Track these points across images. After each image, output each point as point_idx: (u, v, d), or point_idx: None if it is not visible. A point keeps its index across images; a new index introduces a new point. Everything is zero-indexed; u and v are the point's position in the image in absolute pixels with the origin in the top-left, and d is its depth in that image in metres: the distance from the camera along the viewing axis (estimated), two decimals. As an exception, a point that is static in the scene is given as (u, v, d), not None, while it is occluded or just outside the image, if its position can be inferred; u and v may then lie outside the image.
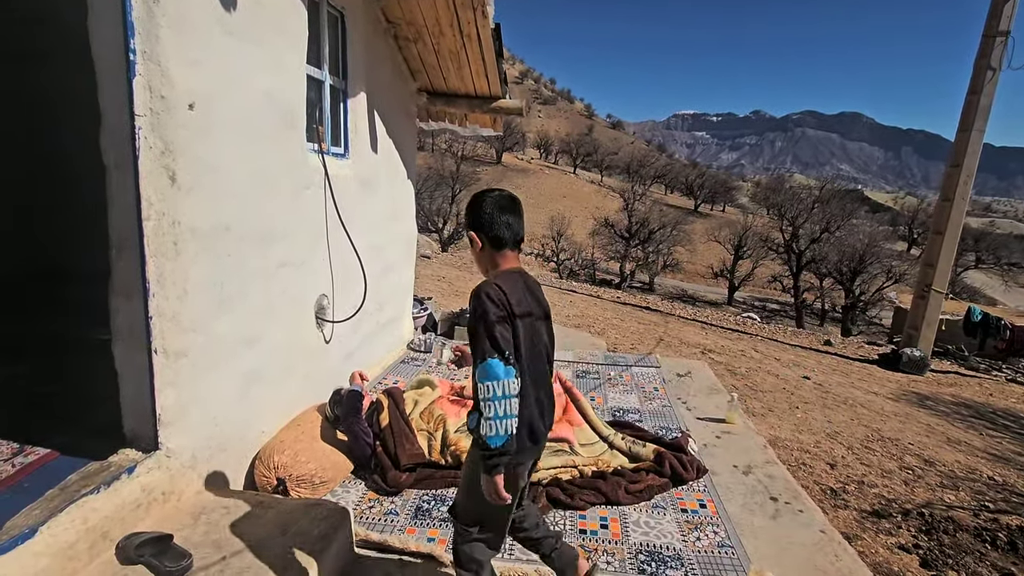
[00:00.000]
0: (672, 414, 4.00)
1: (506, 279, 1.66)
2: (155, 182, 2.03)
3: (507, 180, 54.25)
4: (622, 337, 8.78)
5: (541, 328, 1.73)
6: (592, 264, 32.16)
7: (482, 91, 4.86)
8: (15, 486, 2.12)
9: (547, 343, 1.77)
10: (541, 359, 1.73)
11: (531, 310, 1.68)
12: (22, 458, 2.34)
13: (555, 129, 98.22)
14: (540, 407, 1.72)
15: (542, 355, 1.73)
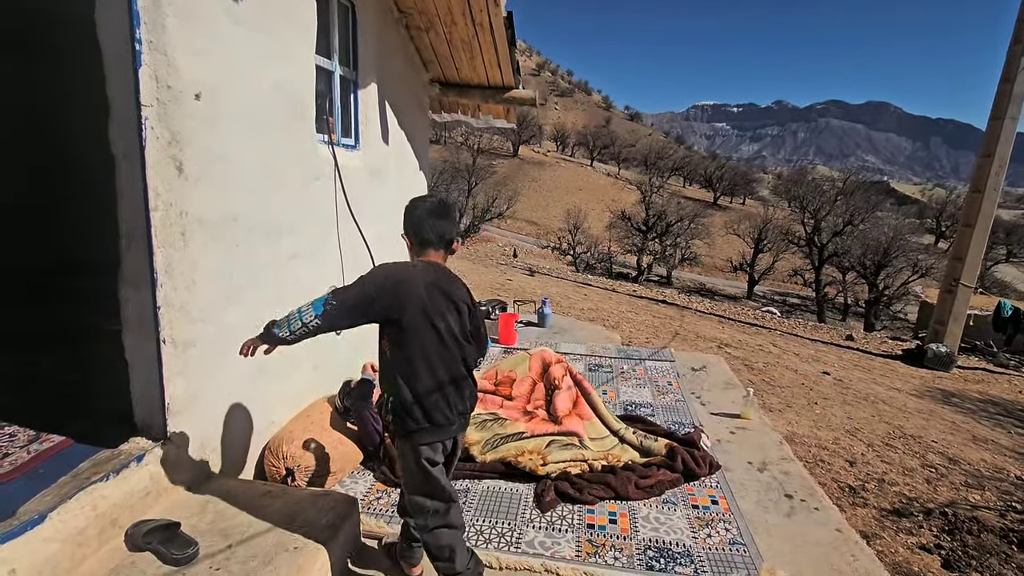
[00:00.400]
0: (685, 409, 3.94)
1: (418, 271, 1.84)
2: (162, 172, 2.03)
3: (523, 173, 54.10)
4: (637, 331, 8.69)
5: (448, 316, 1.83)
6: (609, 258, 31.93)
7: (495, 81, 4.80)
8: (30, 472, 2.15)
9: (456, 331, 1.84)
10: (443, 345, 1.81)
11: (423, 306, 1.79)
12: (37, 445, 2.38)
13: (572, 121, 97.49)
14: (427, 395, 1.80)
15: (444, 341, 1.81)
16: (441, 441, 1.90)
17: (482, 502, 2.75)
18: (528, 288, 11.02)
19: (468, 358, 1.92)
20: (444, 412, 1.85)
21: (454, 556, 1.96)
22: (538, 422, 3.15)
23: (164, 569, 1.86)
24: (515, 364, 3.55)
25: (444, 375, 1.83)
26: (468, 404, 1.95)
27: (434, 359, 1.81)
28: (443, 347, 1.82)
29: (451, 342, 1.84)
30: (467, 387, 1.93)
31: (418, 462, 1.87)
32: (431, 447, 1.87)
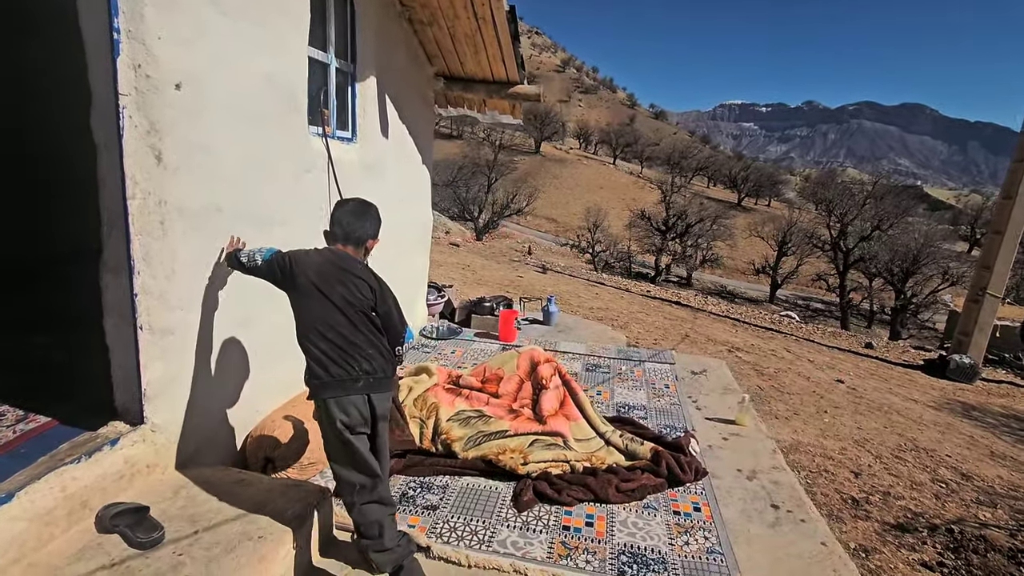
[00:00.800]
0: (680, 413, 3.87)
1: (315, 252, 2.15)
2: (140, 161, 2.06)
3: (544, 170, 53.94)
4: (645, 332, 8.58)
5: (339, 287, 2.04)
6: (628, 257, 31.63)
7: (499, 76, 4.77)
8: (12, 452, 2.21)
9: (352, 300, 2.04)
10: (337, 310, 2.02)
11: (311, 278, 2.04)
12: (23, 425, 2.44)
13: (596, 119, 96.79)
14: (325, 353, 1.99)
15: (338, 307, 2.02)
16: (349, 399, 1.99)
17: (460, 499, 2.74)
18: (539, 285, 10.97)
19: (369, 331, 2.06)
20: (343, 367, 1.98)
21: (383, 532, 2.02)
22: (523, 421, 3.12)
23: (129, 552, 1.89)
24: (503, 362, 3.52)
25: (337, 338, 1.99)
26: (374, 366, 2.04)
27: (328, 322, 1.99)
28: (337, 312, 2.00)
29: (347, 309, 2.02)
30: (367, 351, 2.04)
31: (332, 426, 1.99)
32: (338, 406, 1.99)
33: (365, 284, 2.10)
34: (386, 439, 2.18)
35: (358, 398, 2.02)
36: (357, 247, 2.19)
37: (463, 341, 5.27)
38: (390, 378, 2.15)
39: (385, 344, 2.15)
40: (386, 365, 2.11)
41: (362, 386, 2.02)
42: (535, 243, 34.02)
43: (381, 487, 2.06)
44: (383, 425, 2.15)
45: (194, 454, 2.48)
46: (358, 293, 2.07)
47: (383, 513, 2.05)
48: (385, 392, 2.11)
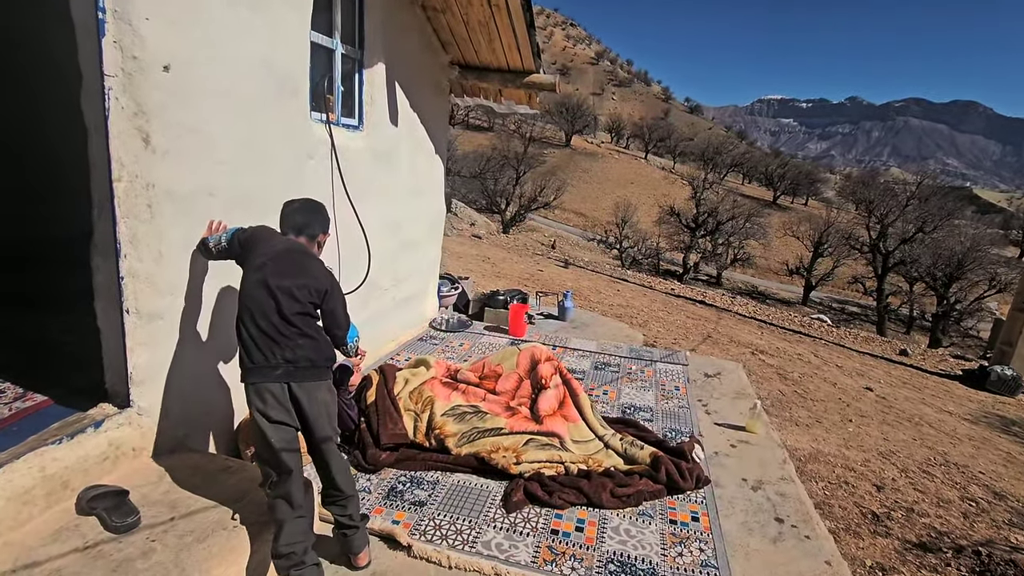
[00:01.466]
0: (687, 416, 3.73)
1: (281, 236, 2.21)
2: (127, 143, 2.04)
3: (574, 163, 53.43)
4: (665, 331, 8.38)
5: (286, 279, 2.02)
6: (656, 253, 31.09)
7: (515, 65, 4.66)
8: (5, 430, 2.24)
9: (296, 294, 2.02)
10: (273, 298, 1.99)
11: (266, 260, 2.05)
12: (20, 403, 2.48)
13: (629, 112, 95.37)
14: (252, 338, 1.98)
15: (275, 296, 1.99)
16: (266, 386, 1.96)
17: (449, 496, 2.68)
18: (558, 280, 10.84)
19: (303, 322, 2.04)
20: (264, 353, 1.97)
21: (279, 535, 1.96)
22: (519, 419, 3.04)
23: (104, 535, 1.89)
24: (503, 358, 3.44)
25: (267, 325, 1.97)
26: (299, 355, 2.01)
27: (262, 308, 1.98)
28: (273, 300, 1.98)
29: (284, 299, 1.99)
30: (296, 340, 2.01)
31: (251, 410, 1.99)
32: (257, 393, 1.97)
33: (316, 281, 2.10)
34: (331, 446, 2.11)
35: (275, 386, 1.98)
36: (310, 241, 2.24)
37: (472, 334, 5.21)
38: (319, 368, 2.09)
39: (322, 335, 2.13)
40: (315, 355, 2.06)
41: (280, 374, 1.98)
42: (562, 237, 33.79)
43: (291, 485, 1.99)
44: (320, 423, 2.07)
45: (184, 439, 2.48)
46: (306, 289, 2.06)
47: (287, 514, 1.97)
48: (310, 382, 2.04)
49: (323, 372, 2.12)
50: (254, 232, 2.23)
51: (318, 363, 2.09)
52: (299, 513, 2.01)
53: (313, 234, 2.25)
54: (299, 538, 1.99)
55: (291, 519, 1.98)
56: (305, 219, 2.24)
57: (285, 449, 1.98)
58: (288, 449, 1.99)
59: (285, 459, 1.98)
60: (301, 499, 2.03)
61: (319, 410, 2.07)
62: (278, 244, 2.17)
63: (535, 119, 57.62)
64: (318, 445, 2.10)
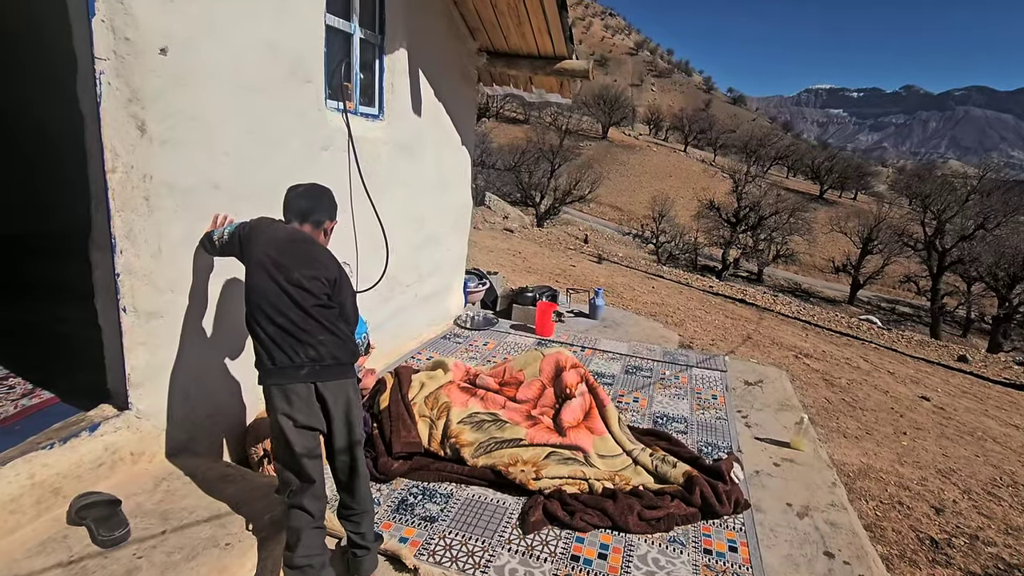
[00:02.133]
0: (725, 429, 3.44)
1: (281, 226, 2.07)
2: (121, 132, 1.92)
3: (611, 156, 52.52)
4: (703, 331, 8.00)
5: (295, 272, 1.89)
6: (694, 249, 30.20)
7: (545, 51, 4.40)
8: (7, 428, 2.17)
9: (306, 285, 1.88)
10: (285, 293, 1.86)
11: (269, 252, 1.92)
12: (27, 400, 2.42)
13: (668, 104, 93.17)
14: (271, 338, 1.84)
15: (287, 291, 1.86)
16: (292, 388, 1.83)
17: (462, 512, 2.50)
18: (591, 276, 10.54)
19: (322, 316, 1.90)
20: (288, 353, 1.83)
21: (296, 545, 1.82)
22: (541, 430, 2.83)
23: (90, 549, 1.78)
24: (525, 363, 3.23)
25: (286, 322, 1.84)
26: (322, 352, 1.88)
27: (277, 305, 1.84)
28: (286, 295, 1.85)
29: (298, 292, 1.87)
30: (318, 336, 1.88)
31: (273, 415, 1.85)
32: (283, 394, 1.83)
33: (325, 269, 1.96)
34: (355, 453, 1.96)
35: (301, 387, 1.84)
36: (315, 228, 2.09)
37: (498, 333, 5.02)
38: (345, 365, 1.95)
39: (343, 329, 1.98)
40: (340, 352, 1.93)
41: (306, 374, 1.84)
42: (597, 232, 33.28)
43: (308, 495, 1.86)
44: (348, 426, 1.93)
45: (188, 442, 2.38)
46: (316, 280, 1.92)
47: (306, 524, 1.84)
48: (336, 380, 1.90)
49: (349, 370, 1.98)
50: (254, 224, 2.09)
51: (343, 360, 1.95)
52: (317, 524, 1.89)
53: (319, 220, 2.09)
54: (317, 551, 1.86)
55: (309, 529, 1.85)
56: (310, 204, 2.09)
57: (308, 456, 1.86)
58: (311, 456, 1.87)
59: (308, 467, 1.85)
60: (320, 510, 1.91)
61: (347, 411, 1.93)
62: (280, 233, 2.03)
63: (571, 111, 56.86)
64: (345, 450, 1.95)
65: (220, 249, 2.16)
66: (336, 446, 1.93)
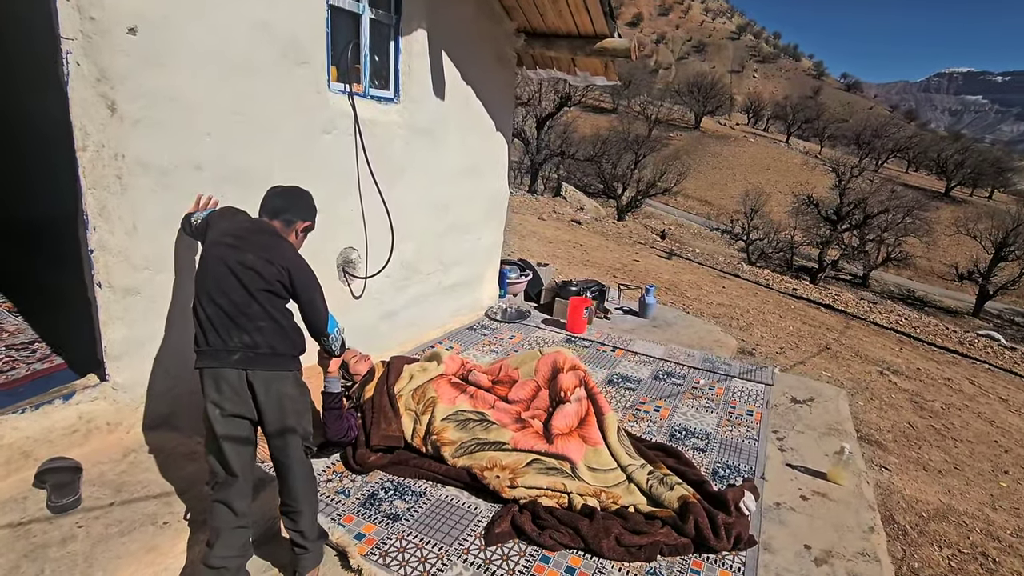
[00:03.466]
0: (753, 451, 3.04)
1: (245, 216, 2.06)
2: (90, 111, 1.96)
3: (702, 147, 49.90)
4: (771, 337, 7.29)
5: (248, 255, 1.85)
6: (790, 247, 27.92)
7: (585, 29, 4.11)
8: (11, 390, 2.33)
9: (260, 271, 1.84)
10: (233, 276, 1.82)
11: (225, 237, 1.90)
12: (40, 364, 2.60)
13: (771, 91, 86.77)
14: (209, 319, 1.80)
15: (236, 274, 1.82)
16: (221, 372, 1.77)
17: (429, 513, 2.38)
18: (654, 272, 9.98)
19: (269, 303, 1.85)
20: (220, 335, 1.79)
21: (214, 544, 1.74)
22: (528, 434, 2.63)
23: (41, 513, 1.85)
24: (522, 362, 3.03)
25: (227, 304, 1.80)
26: (257, 340, 1.82)
27: (221, 287, 1.81)
28: (233, 277, 1.82)
29: (246, 275, 1.82)
30: (257, 323, 1.82)
31: (205, 401, 1.80)
32: (211, 378, 1.78)
33: (283, 259, 1.90)
34: (288, 447, 1.86)
35: (232, 372, 1.77)
36: (285, 226, 2.04)
37: (527, 327, 4.84)
38: (282, 356, 1.86)
39: (291, 322, 1.91)
40: (279, 342, 1.85)
41: (238, 359, 1.78)
42: (682, 226, 31.80)
43: (234, 490, 1.78)
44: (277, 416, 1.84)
45: (169, 417, 2.44)
46: (272, 266, 1.86)
47: (226, 523, 1.76)
48: (270, 371, 1.81)
49: (285, 361, 1.89)
50: (222, 211, 2.10)
51: (281, 350, 1.87)
52: (240, 523, 1.80)
53: (289, 220, 2.05)
54: (235, 552, 1.78)
55: (228, 529, 1.77)
56: (284, 203, 2.06)
57: (234, 447, 1.79)
58: (237, 447, 1.80)
59: (232, 459, 1.78)
60: (245, 508, 1.83)
61: (277, 403, 1.84)
62: (242, 222, 2.01)
63: (662, 100, 54.48)
64: (276, 443, 1.88)
65: (194, 232, 2.17)
66: (268, 439, 1.87)
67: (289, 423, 1.85)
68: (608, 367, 4.08)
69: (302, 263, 1.98)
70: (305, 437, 1.92)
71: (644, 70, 62.77)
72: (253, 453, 1.87)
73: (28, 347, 2.78)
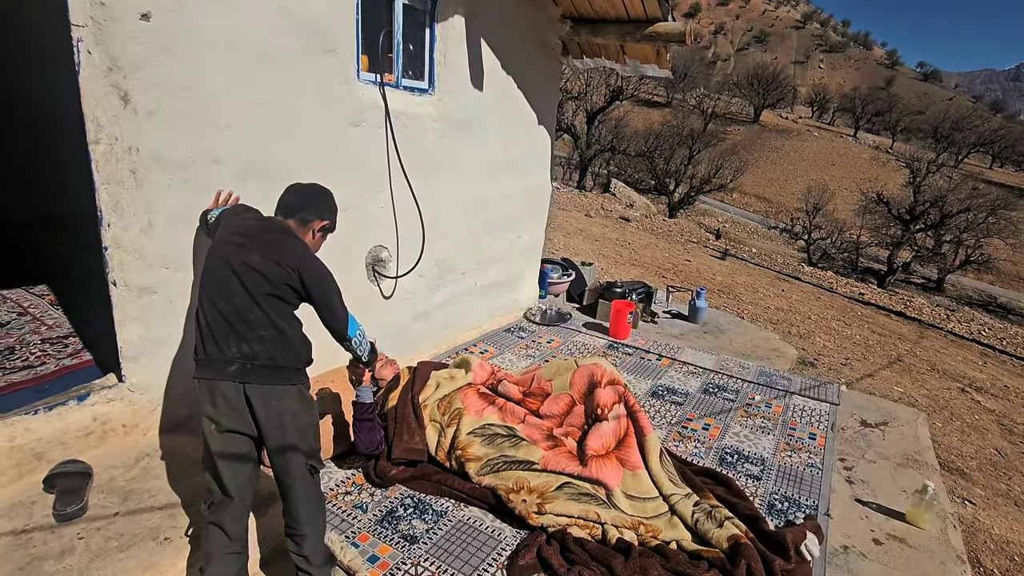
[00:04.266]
0: (816, 482, 2.69)
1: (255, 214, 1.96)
2: (103, 102, 1.87)
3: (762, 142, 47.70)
4: (834, 347, 6.72)
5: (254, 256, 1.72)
6: (856, 248, 26.20)
7: (636, 13, 3.81)
8: (39, 386, 2.31)
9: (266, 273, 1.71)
10: (236, 279, 1.70)
11: (232, 236, 1.79)
12: (70, 360, 2.59)
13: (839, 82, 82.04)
14: (209, 325, 1.69)
15: (239, 277, 1.70)
16: (217, 385, 1.65)
17: (449, 536, 2.20)
18: (707, 273, 9.47)
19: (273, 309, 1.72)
20: (217, 343, 1.67)
21: (205, 569, 1.63)
22: (560, 454, 2.40)
23: (45, 521, 1.79)
24: (556, 373, 2.79)
25: (228, 309, 1.68)
26: (256, 350, 1.68)
27: (224, 291, 1.70)
28: (236, 279, 1.69)
29: (250, 278, 1.70)
30: (258, 331, 1.69)
31: (200, 414, 1.70)
32: (208, 393, 1.67)
33: (294, 260, 1.76)
34: (294, 467, 1.72)
35: (228, 386, 1.65)
36: (300, 225, 1.91)
37: (567, 330, 4.59)
38: (284, 369, 1.72)
39: (297, 331, 1.78)
40: (282, 353, 1.72)
41: (235, 371, 1.65)
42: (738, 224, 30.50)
43: (228, 512, 1.66)
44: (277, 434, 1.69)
45: (187, 419, 2.37)
46: (279, 267, 1.72)
47: (218, 548, 1.64)
48: (268, 385, 1.67)
49: (287, 375, 1.74)
50: (234, 208, 2.00)
51: (282, 363, 1.72)
52: (233, 549, 1.68)
53: (305, 218, 1.91)
54: None
55: (221, 555, 1.66)
56: (300, 200, 1.93)
57: (230, 465, 1.67)
58: (233, 465, 1.68)
59: (227, 478, 1.66)
60: (240, 532, 1.71)
61: (278, 420, 1.70)
62: (251, 220, 1.89)
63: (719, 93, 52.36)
64: (274, 459, 1.74)
65: (209, 230, 2.05)
66: (269, 456, 1.73)
67: (290, 440, 1.70)
68: (653, 378, 3.78)
69: (315, 263, 1.83)
70: (310, 455, 1.78)
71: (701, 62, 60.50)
72: (252, 472, 1.73)
73: (62, 341, 2.78)
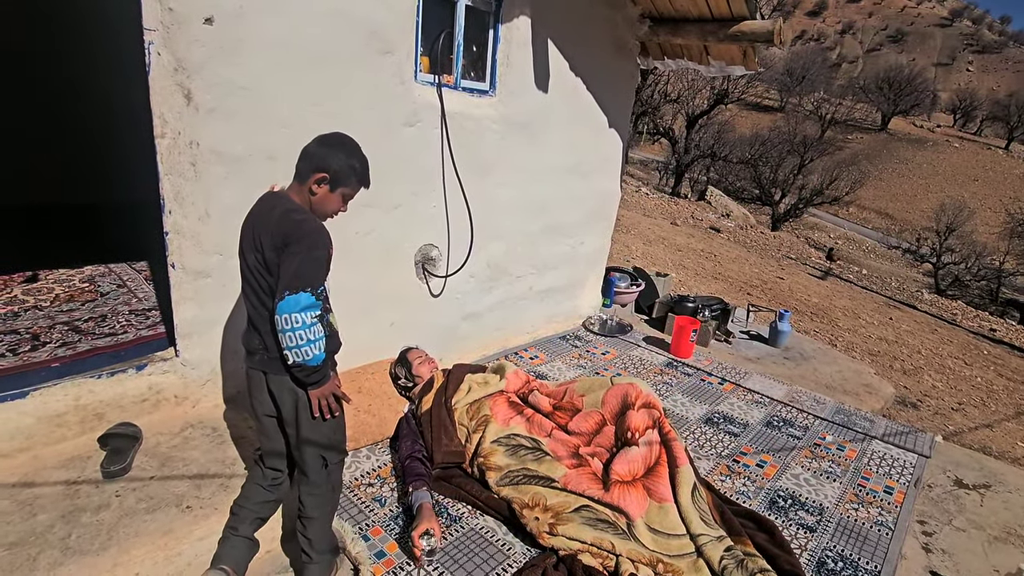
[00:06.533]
0: (884, 544, 2.34)
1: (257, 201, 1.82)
2: (168, 100, 2.04)
3: (888, 151, 43.10)
4: (945, 388, 5.87)
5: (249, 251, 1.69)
6: (997, 276, 22.84)
7: (720, 11, 3.55)
8: (113, 352, 2.58)
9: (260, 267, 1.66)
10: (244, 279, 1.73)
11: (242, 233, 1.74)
12: (146, 330, 2.87)
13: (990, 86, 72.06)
14: (248, 317, 1.76)
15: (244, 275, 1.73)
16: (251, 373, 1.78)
17: (459, 544, 2.16)
18: (800, 293, 8.67)
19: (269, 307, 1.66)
20: (249, 335, 1.77)
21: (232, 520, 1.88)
22: (583, 475, 2.28)
23: (93, 475, 1.99)
24: (589, 389, 2.64)
25: (255, 300, 1.72)
26: (267, 343, 1.71)
27: (244, 286, 1.75)
28: (249, 272, 1.70)
29: (249, 277, 1.70)
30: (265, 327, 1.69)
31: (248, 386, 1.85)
32: (247, 377, 1.81)
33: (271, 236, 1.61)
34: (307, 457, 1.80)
35: (256, 374, 1.77)
36: (300, 184, 1.73)
37: (624, 343, 4.39)
38: None
39: None
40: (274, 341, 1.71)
41: (258, 360, 1.75)
42: (852, 241, 27.79)
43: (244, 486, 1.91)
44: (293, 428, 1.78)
45: (236, 396, 2.53)
46: (259, 252, 1.64)
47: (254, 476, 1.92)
48: (284, 376, 1.70)
49: None
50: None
51: None
52: (262, 481, 1.89)
53: (302, 173, 1.71)
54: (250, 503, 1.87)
55: (251, 483, 1.91)
56: (300, 157, 1.73)
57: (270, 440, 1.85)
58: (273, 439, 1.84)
59: (257, 456, 1.88)
60: (237, 508, 1.87)
61: (292, 410, 1.76)
62: (254, 210, 1.76)
63: (842, 97, 47.98)
64: (292, 445, 1.83)
65: None
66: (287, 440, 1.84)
67: (303, 433, 1.76)
68: (710, 403, 3.51)
69: (290, 217, 1.63)
70: (326, 447, 1.81)
71: (823, 64, 55.83)
72: (278, 459, 1.90)
73: (145, 313, 3.09)
